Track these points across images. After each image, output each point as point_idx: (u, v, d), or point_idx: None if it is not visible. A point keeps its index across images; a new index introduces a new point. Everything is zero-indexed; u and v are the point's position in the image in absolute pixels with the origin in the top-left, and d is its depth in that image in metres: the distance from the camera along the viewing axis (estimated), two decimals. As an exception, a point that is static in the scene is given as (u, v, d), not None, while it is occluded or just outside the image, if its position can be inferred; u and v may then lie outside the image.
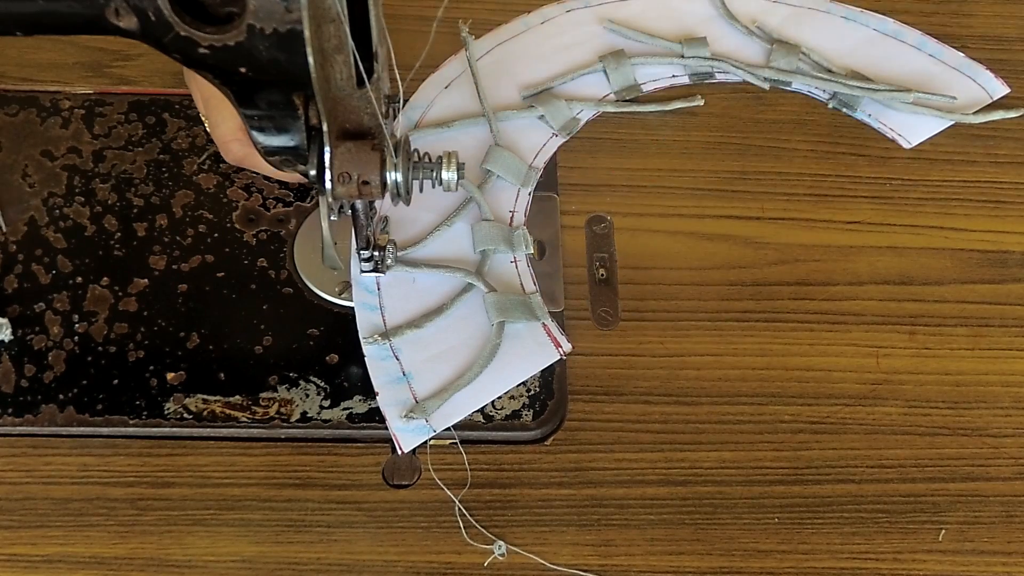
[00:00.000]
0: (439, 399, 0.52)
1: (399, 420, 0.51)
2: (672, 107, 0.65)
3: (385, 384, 0.52)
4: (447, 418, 0.52)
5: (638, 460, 0.52)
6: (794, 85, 0.67)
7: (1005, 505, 0.52)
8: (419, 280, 0.56)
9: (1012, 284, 0.59)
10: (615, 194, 0.62)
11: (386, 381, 0.52)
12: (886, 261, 0.60)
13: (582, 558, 0.49)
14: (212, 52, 0.39)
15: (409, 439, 0.51)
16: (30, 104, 0.62)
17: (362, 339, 0.54)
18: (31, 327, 0.54)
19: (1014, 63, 0.69)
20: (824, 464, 0.53)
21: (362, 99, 0.43)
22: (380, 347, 0.53)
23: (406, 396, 0.52)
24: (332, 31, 0.39)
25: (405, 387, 0.52)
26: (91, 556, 0.48)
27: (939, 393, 0.55)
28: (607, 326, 0.57)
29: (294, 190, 0.60)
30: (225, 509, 0.50)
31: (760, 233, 0.61)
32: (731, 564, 0.49)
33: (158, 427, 0.51)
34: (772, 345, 0.56)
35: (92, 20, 0.39)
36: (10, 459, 0.51)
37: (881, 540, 0.50)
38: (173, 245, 0.57)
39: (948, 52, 0.69)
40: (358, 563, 0.49)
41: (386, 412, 0.52)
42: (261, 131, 0.44)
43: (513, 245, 0.58)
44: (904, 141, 0.65)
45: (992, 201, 0.63)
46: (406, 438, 0.51)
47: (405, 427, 0.51)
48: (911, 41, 0.70)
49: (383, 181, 0.44)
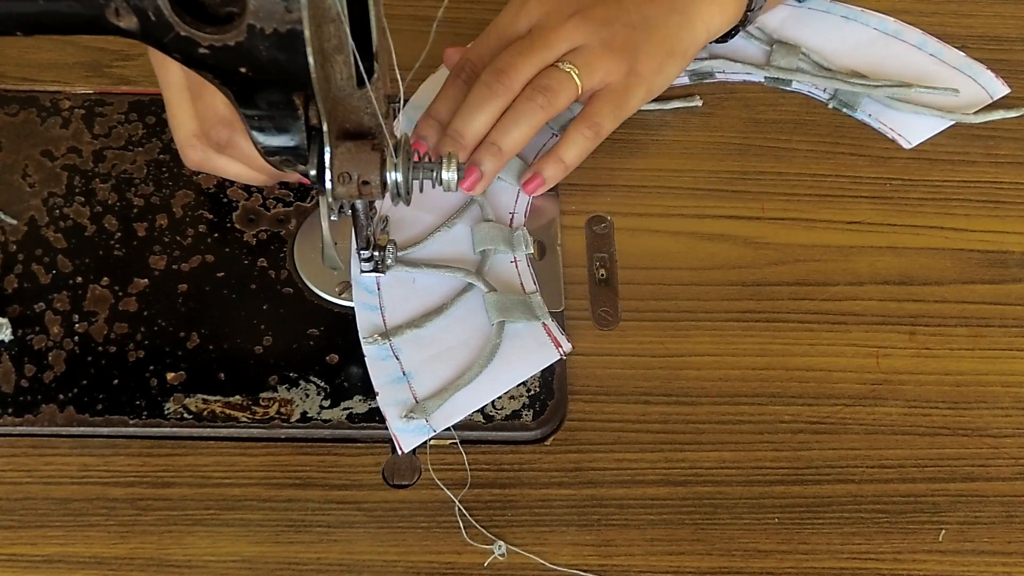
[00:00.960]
0: (439, 399, 0.52)
1: (399, 420, 0.51)
2: (671, 106, 0.65)
3: (385, 384, 0.52)
4: (447, 418, 0.52)
5: (638, 460, 0.52)
6: (794, 85, 0.67)
7: (1005, 505, 0.52)
8: (419, 280, 0.56)
9: (1012, 284, 0.59)
10: (615, 194, 0.62)
11: (386, 381, 0.53)
12: (886, 261, 0.60)
13: (582, 558, 0.49)
14: (212, 52, 0.39)
15: (409, 439, 0.51)
16: (30, 104, 0.62)
17: (362, 339, 0.54)
18: (31, 327, 0.54)
19: (1014, 63, 0.69)
20: (824, 464, 0.53)
21: (362, 99, 0.43)
22: (380, 347, 0.54)
23: (406, 396, 0.52)
24: (332, 31, 0.39)
25: (405, 387, 0.52)
26: (91, 556, 0.48)
27: (939, 393, 0.55)
28: (607, 326, 0.57)
29: (294, 190, 0.60)
30: (225, 509, 0.50)
31: (760, 233, 0.61)
32: (731, 564, 0.49)
33: (158, 427, 0.51)
34: (772, 345, 0.56)
35: (92, 20, 0.39)
36: (10, 459, 0.51)
37: (881, 540, 0.50)
38: (173, 245, 0.57)
39: (949, 52, 0.69)
40: (358, 563, 0.49)
41: (386, 412, 0.52)
42: (261, 131, 0.44)
43: (513, 245, 0.58)
44: (904, 141, 0.65)
45: (992, 201, 0.63)
46: (406, 438, 0.51)
47: (405, 427, 0.51)
48: (912, 40, 0.70)
49: (383, 181, 0.44)
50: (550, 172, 0.59)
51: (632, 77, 0.59)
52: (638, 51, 0.59)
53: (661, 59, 0.60)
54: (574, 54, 0.58)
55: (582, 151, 0.59)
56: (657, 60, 0.60)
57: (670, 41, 0.60)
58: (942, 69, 0.68)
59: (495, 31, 0.61)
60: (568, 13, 0.59)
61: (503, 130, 0.56)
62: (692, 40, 0.61)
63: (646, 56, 0.59)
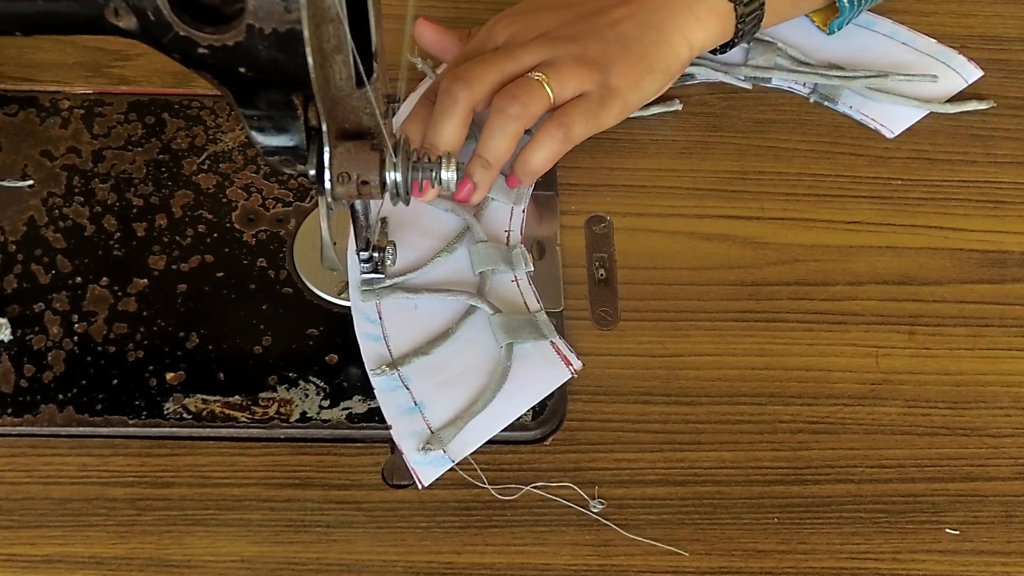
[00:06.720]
0: (455, 427, 0.51)
1: (416, 453, 0.50)
2: (649, 112, 0.65)
3: (397, 415, 0.51)
4: (465, 447, 0.51)
5: (638, 460, 0.52)
6: (774, 81, 0.67)
7: (1004, 505, 0.52)
8: (421, 306, 0.55)
9: (1012, 284, 0.59)
10: (615, 194, 0.62)
11: (398, 412, 0.51)
12: (886, 261, 0.60)
13: (582, 558, 0.49)
14: (211, 52, 0.39)
15: (428, 472, 0.50)
16: (30, 104, 0.62)
17: (369, 371, 0.52)
18: (31, 327, 0.54)
19: (1014, 63, 0.69)
20: (823, 464, 0.53)
21: (361, 99, 0.43)
22: (388, 378, 0.52)
23: (420, 427, 0.51)
24: (331, 31, 0.39)
25: (418, 417, 0.51)
26: (90, 556, 0.48)
27: (939, 393, 0.55)
28: (607, 326, 0.57)
29: (294, 190, 0.60)
30: (224, 509, 0.50)
31: (759, 233, 0.61)
32: (731, 564, 0.49)
33: (157, 427, 0.51)
34: (771, 345, 0.56)
35: (91, 20, 0.39)
36: (10, 459, 0.51)
37: (880, 540, 0.50)
38: (173, 245, 0.57)
39: (921, 39, 0.69)
40: (358, 563, 0.49)
41: (401, 445, 0.51)
42: (260, 131, 0.44)
43: (512, 264, 0.57)
44: (887, 131, 0.65)
45: (992, 201, 0.63)
46: (425, 471, 0.50)
47: (423, 460, 0.50)
48: (883, 31, 0.70)
49: (382, 181, 0.44)
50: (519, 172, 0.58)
51: (606, 90, 0.58)
52: (612, 65, 0.58)
53: (638, 75, 0.59)
54: (544, 66, 0.57)
55: (549, 153, 0.57)
56: (634, 76, 0.59)
57: (648, 58, 0.59)
58: (916, 57, 0.68)
59: (463, 56, 0.60)
60: (536, 33, 0.59)
61: (483, 144, 0.56)
62: (673, 57, 0.60)
63: (621, 71, 0.58)
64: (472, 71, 0.56)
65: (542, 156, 0.57)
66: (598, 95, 0.58)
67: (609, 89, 0.58)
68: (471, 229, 0.58)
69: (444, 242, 0.58)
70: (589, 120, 0.57)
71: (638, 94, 0.60)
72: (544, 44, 0.58)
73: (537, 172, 0.58)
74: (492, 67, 0.57)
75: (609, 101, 0.58)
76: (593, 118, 0.58)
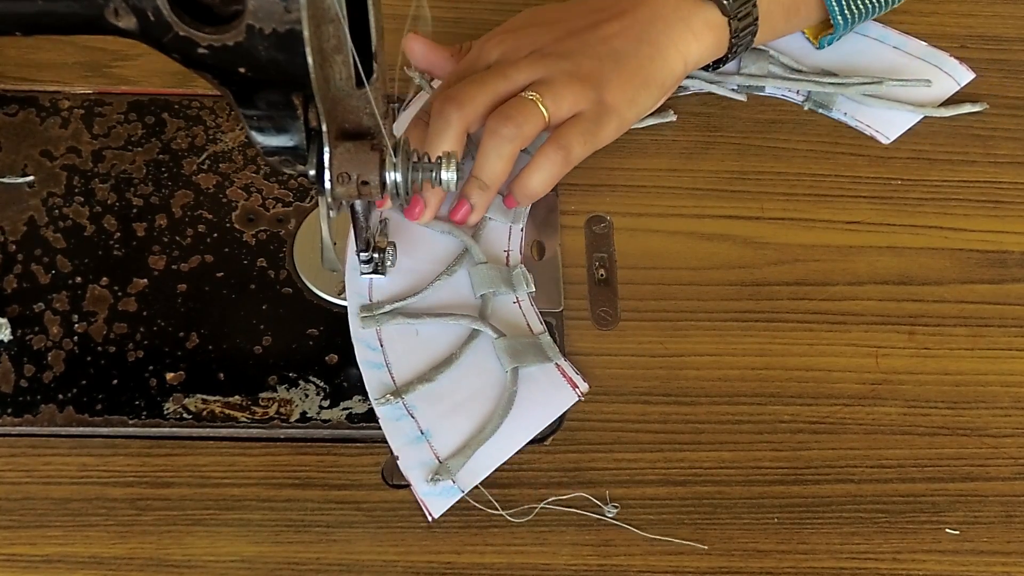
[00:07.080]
0: (463, 456, 0.50)
1: (425, 484, 0.50)
2: (644, 124, 0.64)
3: (404, 445, 0.51)
4: (474, 476, 0.50)
5: (637, 460, 0.52)
6: (768, 90, 0.67)
7: (1004, 505, 0.52)
8: (422, 332, 0.54)
9: (1012, 284, 0.60)
10: (615, 194, 0.62)
11: (404, 442, 0.51)
12: (885, 261, 0.60)
13: (582, 558, 0.49)
14: (211, 52, 0.39)
15: (438, 503, 0.49)
16: (30, 104, 0.62)
17: (373, 400, 0.52)
18: (30, 327, 0.54)
19: (1014, 63, 0.69)
20: (823, 464, 0.53)
21: (361, 99, 0.43)
22: (393, 407, 0.52)
23: (428, 457, 0.50)
24: (331, 31, 0.39)
25: (425, 447, 0.51)
26: (90, 556, 0.48)
27: (939, 393, 0.55)
28: (607, 326, 0.57)
29: (294, 190, 0.60)
30: (224, 509, 0.50)
31: (759, 233, 0.61)
32: (731, 564, 0.49)
33: (157, 427, 0.51)
34: (771, 345, 0.56)
35: (91, 20, 0.39)
36: (9, 459, 0.51)
37: (880, 540, 0.50)
38: (172, 245, 0.57)
39: (912, 42, 0.69)
40: (358, 563, 0.49)
41: (409, 476, 0.50)
42: (260, 131, 0.44)
43: (513, 285, 0.56)
44: (882, 137, 0.65)
45: (991, 201, 0.63)
46: (435, 503, 0.49)
47: (432, 491, 0.50)
48: (874, 34, 0.70)
49: (382, 181, 0.44)
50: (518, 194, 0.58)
51: (601, 107, 0.57)
52: (606, 81, 0.57)
53: (633, 90, 0.58)
54: (537, 84, 0.56)
55: (548, 176, 0.57)
56: (629, 91, 0.58)
57: (642, 73, 0.59)
58: (908, 61, 0.68)
59: (455, 75, 0.60)
60: (528, 51, 0.59)
61: (479, 166, 0.55)
62: (668, 71, 0.60)
63: (616, 87, 0.58)
64: (464, 92, 0.56)
65: (541, 179, 0.57)
66: (594, 113, 0.57)
67: (605, 106, 0.58)
68: (470, 251, 0.57)
69: (443, 265, 0.57)
70: (587, 140, 0.57)
71: (634, 110, 0.59)
72: (536, 62, 0.57)
73: (536, 195, 0.58)
74: (484, 87, 0.56)
75: (605, 119, 0.58)
76: (591, 137, 0.57)
